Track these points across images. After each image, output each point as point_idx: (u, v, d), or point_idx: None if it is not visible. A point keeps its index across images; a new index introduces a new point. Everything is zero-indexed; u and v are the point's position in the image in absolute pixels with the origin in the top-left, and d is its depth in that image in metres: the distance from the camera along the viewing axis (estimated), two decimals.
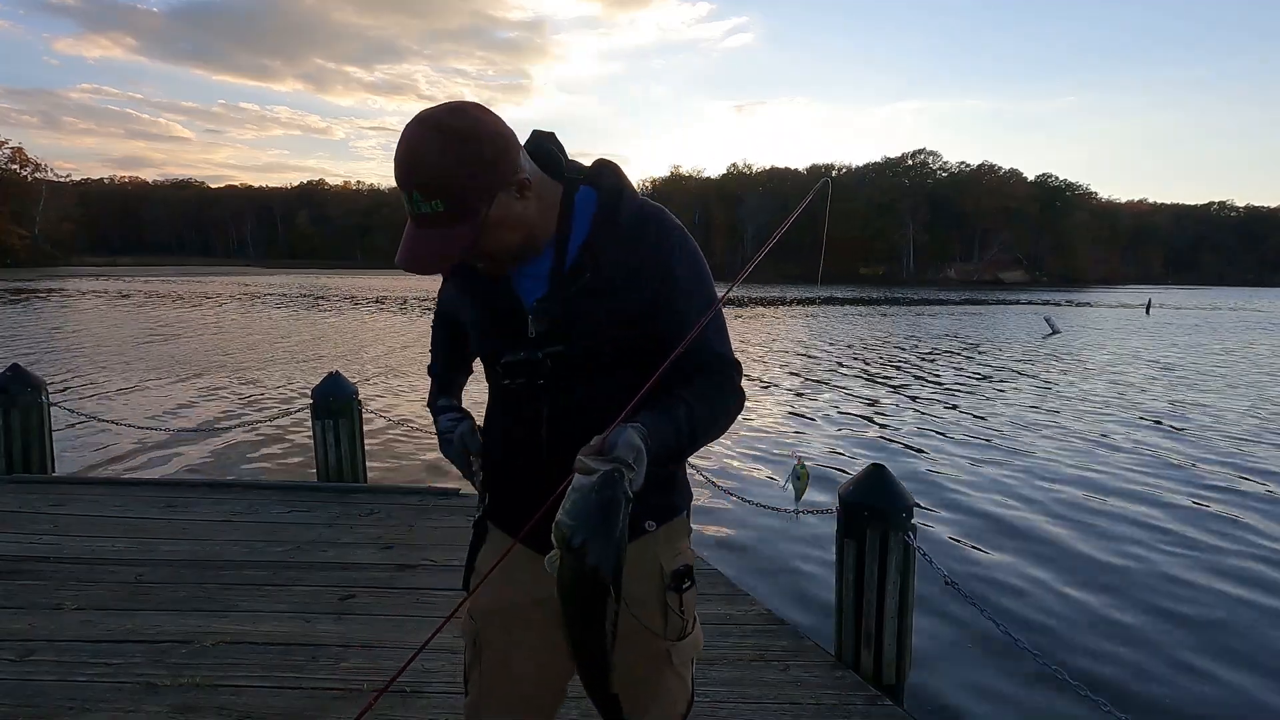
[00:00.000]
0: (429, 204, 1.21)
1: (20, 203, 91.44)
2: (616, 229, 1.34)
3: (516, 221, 1.27)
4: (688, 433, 1.30)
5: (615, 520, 1.07)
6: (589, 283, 1.32)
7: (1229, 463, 8.83)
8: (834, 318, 34.36)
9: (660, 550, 1.45)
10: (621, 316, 1.33)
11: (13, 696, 2.79)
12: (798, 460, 3.80)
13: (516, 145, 1.27)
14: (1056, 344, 23.65)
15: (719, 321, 1.40)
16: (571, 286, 1.33)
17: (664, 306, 1.34)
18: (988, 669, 4.04)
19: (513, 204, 1.25)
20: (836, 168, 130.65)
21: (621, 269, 1.33)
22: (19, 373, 5.90)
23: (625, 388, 1.32)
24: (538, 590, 1.43)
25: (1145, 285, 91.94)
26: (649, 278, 1.33)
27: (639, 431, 1.19)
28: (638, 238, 1.34)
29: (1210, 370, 17.68)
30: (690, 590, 1.50)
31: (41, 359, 15.22)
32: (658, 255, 1.34)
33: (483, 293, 1.42)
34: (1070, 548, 5.95)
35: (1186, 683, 4.04)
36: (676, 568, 1.47)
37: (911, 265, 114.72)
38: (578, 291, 1.32)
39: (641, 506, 1.32)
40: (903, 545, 3.14)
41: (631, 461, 1.13)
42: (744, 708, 2.84)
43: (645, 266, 1.33)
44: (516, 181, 1.24)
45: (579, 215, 1.35)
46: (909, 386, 14.51)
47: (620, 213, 1.35)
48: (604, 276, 1.32)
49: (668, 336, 1.33)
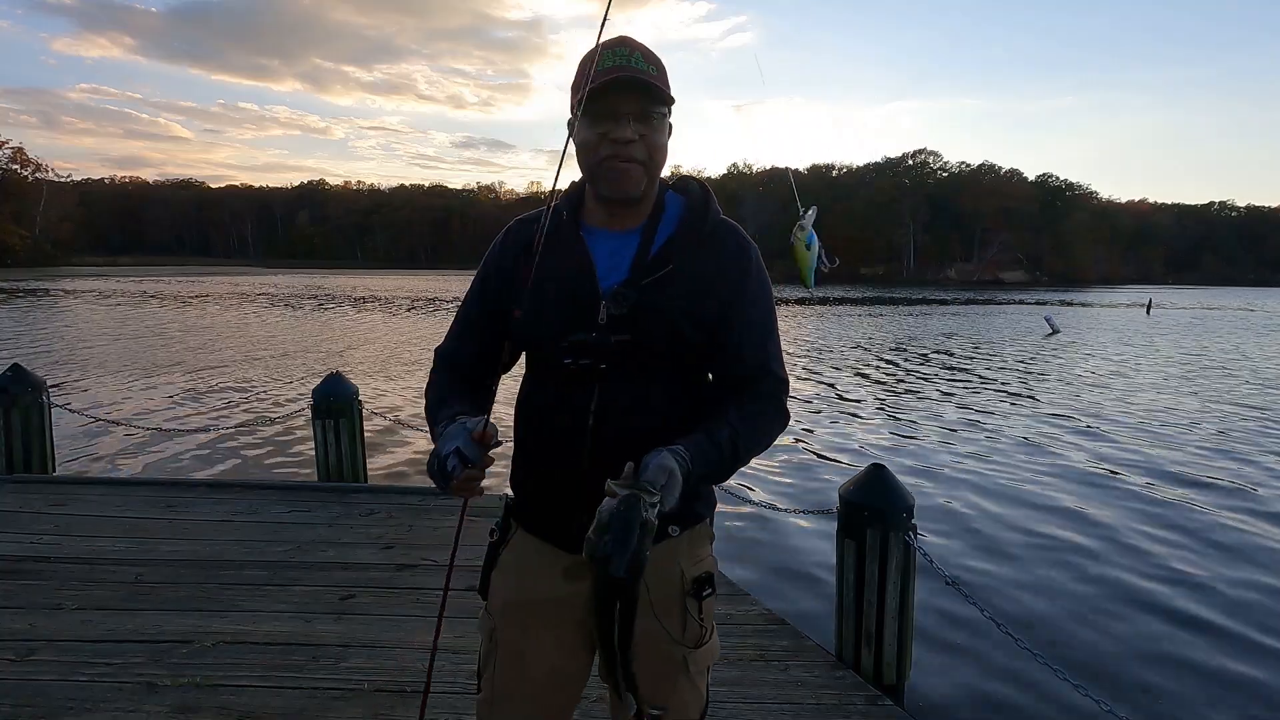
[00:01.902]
0: (647, 65, 1.34)
1: (20, 203, 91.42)
2: (701, 233, 1.41)
3: (666, 145, 1.39)
4: (730, 454, 1.35)
5: (630, 538, 1.14)
6: (668, 276, 1.37)
7: (1230, 462, 8.83)
8: (834, 318, 34.35)
9: (682, 556, 1.47)
10: (694, 318, 1.37)
11: (13, 696, 2.79)
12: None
13: None
14: (1056, 344, 23.65)
15: (778, 341, 1.47)
16: (650, 277, 1.37)
17: (734, 314, 1.40)
18: (988, 669, 4.04)
19: (670, 126, 1.40)
20: (836, 168, 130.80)
21: (701, 271, 1.39)
22: (19, 373, 5.90)
23: (677, 396, 1.41)
24: (557, 589, 1.46)
25: (1145, 285, 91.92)
26: (725, 285, 1.39)
27: (675, 454, 1.25)
28: (720, 245, 1.42)
29: (1211, 370, 17.67)
30: (710, 598, 1.50)
31: (42, 359, 15.23)
32: (737, 265, 1.42)
33: (556, 269, 1.41)
34: (1071, 547, 5.95)
35: (1188, 683, 4.04)
36: (698, 574, 1.48)
37: (911, 265, 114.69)
38: (656, 283, 1.36)
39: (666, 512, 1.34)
40: (903, 545, 3.14)
41: (661, 485, 1.19)
42: (744, 708, 2.84)
43: (724, 274, 1.40)
44: (669, 114, 1.40)
45: (667, 214, 1.43)
46: (909, 386, 14.51)
47: (706, 219, 1.43)
48: (684, 275, 1.38)
49: (731, 344, 1.41)
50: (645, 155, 1.35)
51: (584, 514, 1.34)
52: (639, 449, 1.27)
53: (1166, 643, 4.46)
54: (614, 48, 1.34)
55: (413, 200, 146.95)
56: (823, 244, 1.66)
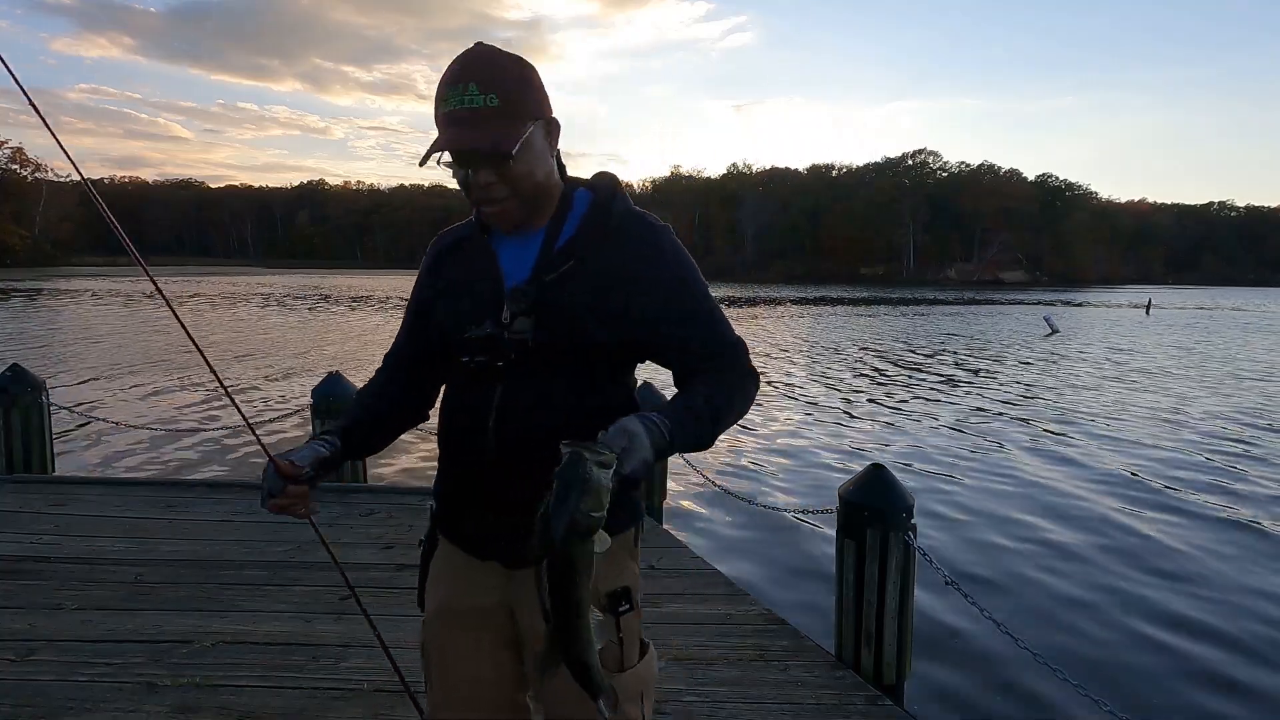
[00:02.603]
0: (485, 97, 1.23)
1: (20, 203, 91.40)
2: (606, 226, 1.35)
3: (545, 161, 1.32)
4: (710, 417, 1.29)
5: (568, 497, 1.06)
6: (571, 271, 1.32)
7: (1231, 462, 8.83)
8: (834, 318, 34.36)
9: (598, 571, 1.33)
10: (599, 313, 1.31)
11: (13, 696, 2.79)
12: None
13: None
14: (1056, 344, 23.65)
15: (717, 311, 1.40)
16: (552, 272, 1.32)
17: (660, 309, 1.34)
18: (987, 669, 4.04)
19: (545, 142, 1.31)
20: (836, 167, 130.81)
21: (606, 265, 1.32)
22: (19, 373, 5.90)
23: (584, 393, 1.34)
24: (476, 597, 1.42)
25: (1145, 285, 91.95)
26: (634, 279, 1.33)
27: (644, 419, 1.19)
28: (625, 237, 1.35)
29: (1211, 369, 17.68)
30: (630, 615, 1.38)
31: (42, 359, 15.23)
32: (645, 256, 1.35)
33: (465, 273, 1.42)
34: (1071, 548, 5.96)
35: (1187, 683, 4.04)
36: (613, 589, 1.37)
37: (911, 265, 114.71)
38: (558, 280, 1.32)
39: None
40: (903, 545, 3.14)
41: (622, 447, 1.13)
42: (744, 708, 2.84)
43: (630, 267, 1.33)
44: (550, 120, 1.31)
45: (574, 211, 1.38)
46: (909, 386, 14.52)
47: (611, 212, 1.37)
48: (588, 269, 1.32)
49: (675, 339, 1.36)
50: (508, 192, 1.29)
51: (489, 516, 1.36)
52: (542, 449, 1.20)
53: (1166, 642, 4.46)
54: (453, 82, 1.25)
55: (412, 200, 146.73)
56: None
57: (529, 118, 1.26)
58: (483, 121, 1.23)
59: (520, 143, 1.24)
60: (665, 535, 4.96)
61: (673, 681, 2.98)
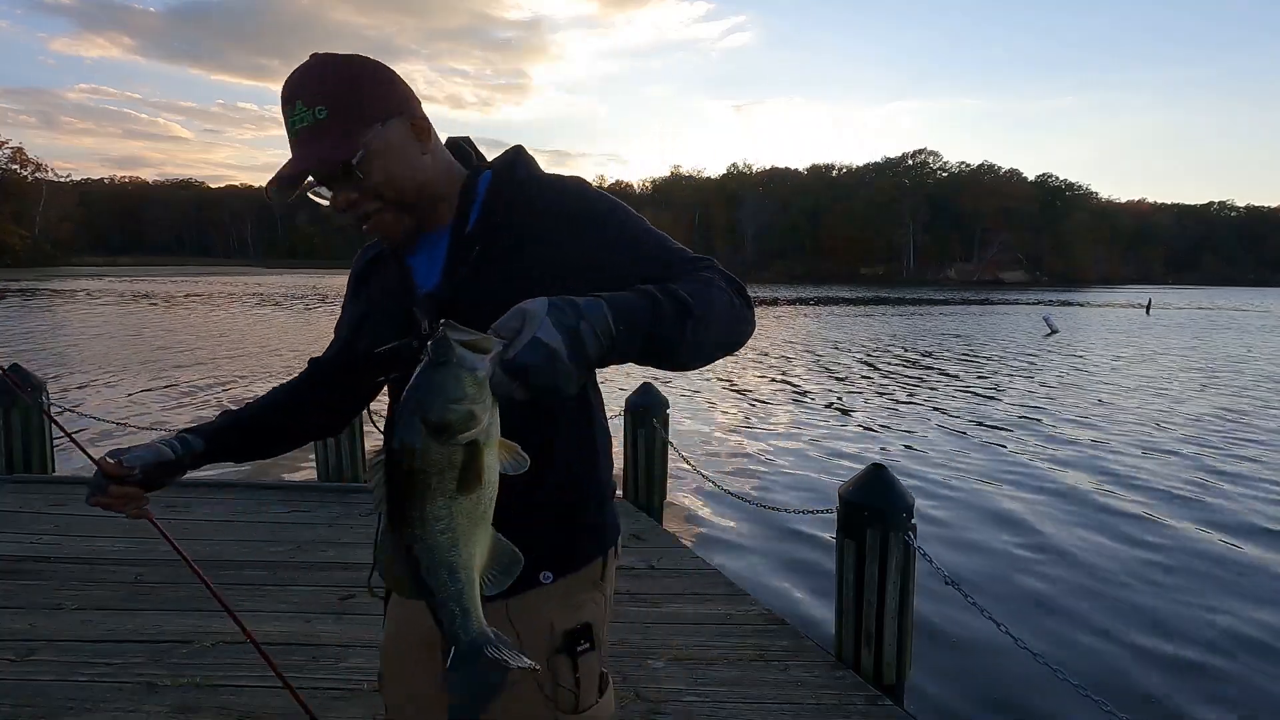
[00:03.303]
0: (312, 111, 1.11)
1: (20, 203, 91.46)
2: (510, 200, 1.23)
3: (411, 160, 1.17)
4: (678, 303, 1.02)
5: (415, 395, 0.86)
6: (482, 258, 1.20)
7: (1231, 461, 8.83)
8: (834, 318, 34.37)
9: (554, 606, 1.23)
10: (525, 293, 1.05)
11: (13, 696, 2.79)
12: None
13: (412, 93, 1.21)
14: (1056, 344, 23.65)
15: (666, 240, 1.21)
16: (463, 266, 1.20)
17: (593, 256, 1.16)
18: (988, 669, 4.04)
19: (408, 140, 1.17)
20: (836, 167, 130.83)
21: (520, 240, 1.20)
22: (19, 373, 5.90)
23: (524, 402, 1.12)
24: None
25: (1145, 285, 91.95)
26: (554, 243, 1.18)
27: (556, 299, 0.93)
28: (533, 204, 1.22)
29: (1211, 369, 17.68)
30: (590, 655, 1.24)
31: (42, 359, 15.22)
32: (558, 213, 1.20)
33: (380, 293, 1.31)
34: (1071, 548, 5.95)
35: (1187, 683, 4.04)
36: (572, 626, 1.23)
37: (911, 265, 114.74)
38: (471, 271, 1.20)
39: (535, 554, 1.14)
40: (903, 545, 3.14)
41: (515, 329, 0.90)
42: (744, 708, 2.84)
43: (547, 232, 1.19)
44: (412, 114, 1.18)
45: (479, 197, 1.25)
46: (909, 386, 14.51)
47: (512, 183, 1.24)
48: (501, 252, 1.20)
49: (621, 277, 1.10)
50: (377, 204, 1.17)
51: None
52: None
53: (1166, 642, 4.46)
54: (284, 105, 1.14)
55: None
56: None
57: (371, 120, 1.13)
58: (314, 138, 1.12)
59: (364, 149, 1.12)
60: (665, 535, 4.96)
61: (673, 681, 2.99)
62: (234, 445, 1.42)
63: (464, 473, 0.87)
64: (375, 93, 1.15)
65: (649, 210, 71.66)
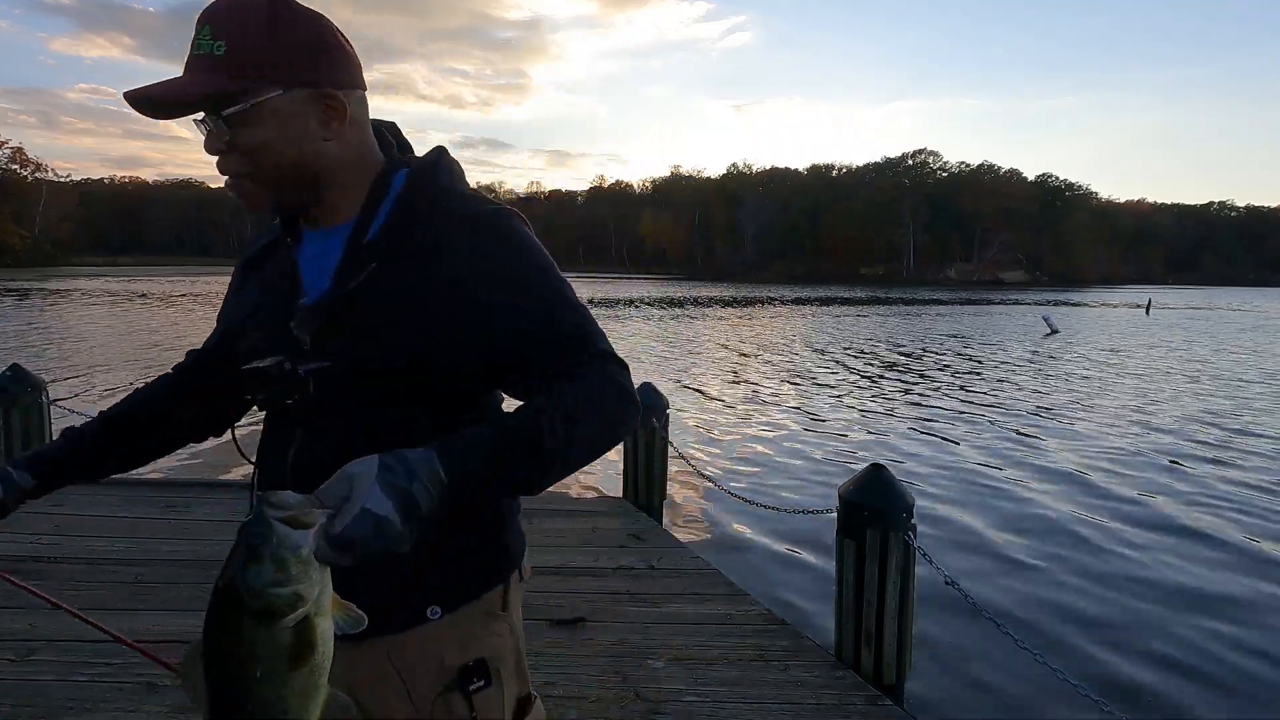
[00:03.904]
0: (213, 43, 0.99)
1: (20, 203, 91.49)
2: (420, 212, 1.08)
3: (301, 138, 1.03)
4: (535, 440, 0.94)
5: (234, 567, 0.80)
6: (376, 274, 1.05)
7: (1232, 460, 8.83)
8: (833, 318, 34.37)
9: (444, 641, 1.11)
10: (414, 325, 1.03)
11: (13, 696, 2.79)
12: None
13: (348, 66, 1.07)
14: (1055, 344, 23.66)
15: (577, 311, 1.08)
16: (355, 279, 1.05)
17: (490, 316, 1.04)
18: (988, 669, 4.04)
19: (308, 116, 1.03)
20: (836, 168, 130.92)
21: (422, 262, 1.05)
22: (19, 373, 5.90)
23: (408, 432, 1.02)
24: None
25: (1145, 285, 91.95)
26: (456, 277, 1.04)
27: (389, 460, 0.85)
28: (446, 224, 1.07)
29: (1210, 369, 17.68)
30: (486, 692, 1.12)
31: (41, 359, 15.23)
32: (470, 244, 1.06)
33: (262, 293, 1.16)
34: (1071, 547, 5.96)
35: (1187, 682, 4.05)
36: (465, 662, 1.11)
37: (911, 265, 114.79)
38: (362, 286, 1.05)
39: (420, 588, 1.07)
40: (903, 545, 3.14)
41: (342, 497, 0.83)
42: (744, 708, 2.84)
43: (452, 260, 1.05)
44: (324, 95, 1.03)
45: (389, 198, 1.10)
46: (909, 386, 14.52)
47: (425, 194, 1.09)
48: (398, 270, 1.05)
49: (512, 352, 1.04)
50: (241, 167, 1.03)
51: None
52: None
53: (1166, 642, 4.46)
54: (199, 20, 1.02)
55: None
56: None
57: (272, 80, 1.00)
58: (197, 71, 1.00)
59: (245, 106, 0.99)
60: (665, 535, 4.96)
61: (673, 681, 2.99)
62: (87, 461, 1.29)
63: (295, 651, 0.79)
64: (293, 54, 1.01)
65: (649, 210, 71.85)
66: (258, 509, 0.80)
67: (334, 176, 1.08)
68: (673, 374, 15.23)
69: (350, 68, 1.07)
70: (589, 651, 3.22)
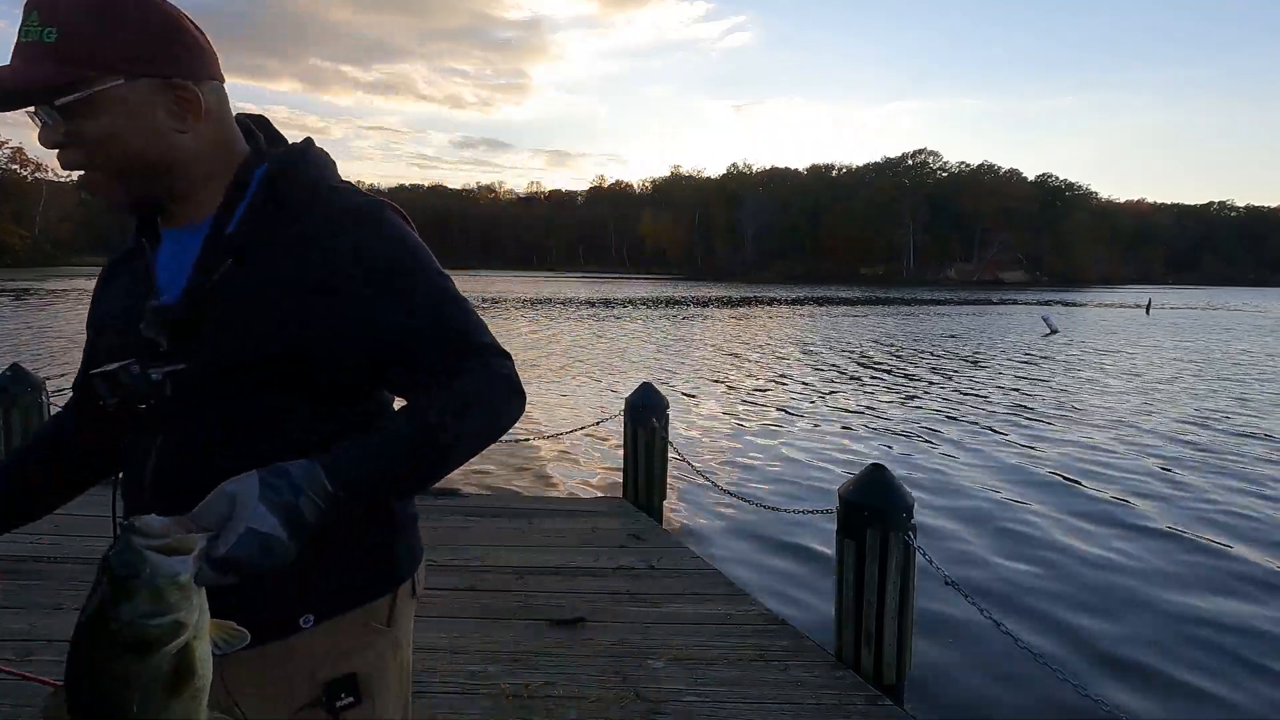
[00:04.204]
0: (42, 30, 0.93)
1: (20, 203, 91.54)
2: (281, 206, 1.03)
3: (148, 130, 0.97)
4: (419, 441, 0.95)
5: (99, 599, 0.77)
6: (234, 273, 1.00)
7: (1233, 461, 8.83)
8: (833, 318, 34.38)
9: (316, 652, 1.04)
10: (279, 325, 0.98)
11: (13, 696, 2.79)
12: None
13: (201, 57, 1.01)
14: (1055, 344, 23.66)
15: (455, 308, 1.05)
16: (211, 275, 1.00)
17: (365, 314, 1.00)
18: (988, 669, 4.04)
19: (156, 107, 0.97)
20: (836, 168, 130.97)
21: (285, 258, 1.00)
22: (19, 372, 5.90)
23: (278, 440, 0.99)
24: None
25: (1145, 285, 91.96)
26: (325, 274, 0.99)
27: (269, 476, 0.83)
28: (312, 218, 1.02)
29: (1210, 370, 17.68)
30: (356, 710, 1.05)
31: (41, 359, 15.22)
32: (337, 240, 1.01)
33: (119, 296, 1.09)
34: (1071, 548, 5.95)
35: (1187, 683, 4.04)
36: (334, 676, 1.04)
37: (911, 265, 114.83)
38: (220, 285, 1.00)
39: (297, 595, 1.01)
40: (903, 545, 3.14)
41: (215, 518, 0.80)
42: (744, 708, 2.84)
43: (320, 257, 1.00)
44: (173, 85, 0.97)
45: (250, 192, 1.05)
46: (908, 386, 14.52)
47: (286, 186, 1.04)
48: (259, 267, 1.00)
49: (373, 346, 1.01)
50: (82, 159, 0.97)
51: None
52: None
53: (1166, 643, 4.46)
54: (26, 4, 0.95)
55: (413, 200, 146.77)
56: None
57: (110, 68, 0.94)
58: (29, 62, 0.93)
59: (81, 96, 0.93)
60: (665, 535, 4.97)
61: (673, 681, 2.99)
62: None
63: (174, 679, 0.75)
64: (136, 42, 0.95)
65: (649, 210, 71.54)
66: (123, 538, 0.75)
67: (189, 171, 1.02)
68: (673, 374, 15.23)
69: (203, 58, 1.02)
70: (589, 651, 3.22)
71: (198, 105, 1.00)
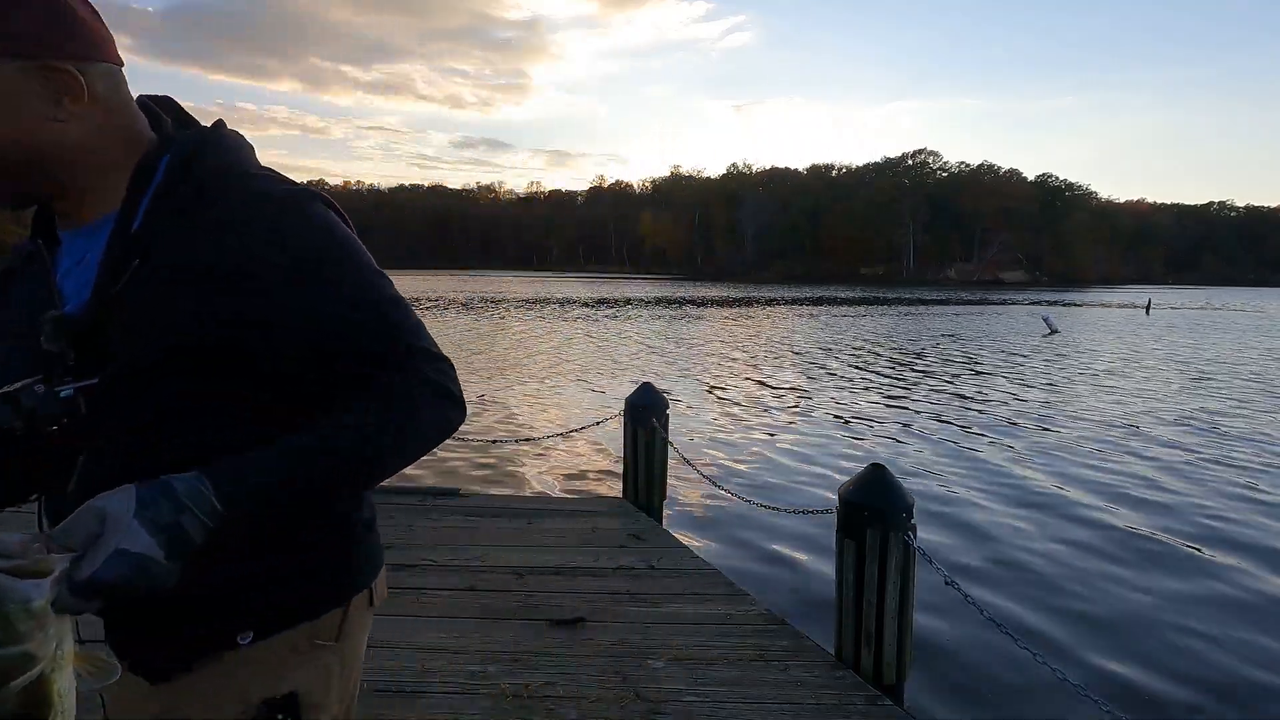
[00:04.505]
0: None
1: None
2: (188, 197, 0.93)
3: (21, 119, 0.87)
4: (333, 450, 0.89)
5: None
6: (141, 274, 0.90)
7: (1234, 461, 8.83)
8: (833, 318, 34.38)
9: (253, 670, 0.97)
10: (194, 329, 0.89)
11: None
12: None
13: (86, 36, 0.90)
14: (1055, 343, 23.66)
15: (384, 306, 0.97)
16: (118, 281, 0.90)
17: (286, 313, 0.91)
18: (988, 669, 4.04)
19: (27, 94, 0.87)
20: (836, 167, 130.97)
21: (196, 254, 0.90)
22: None
23: (239, 417, 0.93)
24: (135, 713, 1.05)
25: (1145, 285, 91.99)
26: (239, 269, 0.90)
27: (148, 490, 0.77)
28: (225, 210, 0.92)
29: (1210, 370, 17.68)
30: None
31: None
32: (254, 232, 0.91)
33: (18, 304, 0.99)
34: (1071, 547, 5.95)
35: (1188, 683, 4.04)
36: (271, 695, 0.97)
37: (911, 265, 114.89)
38: (126, 288, 0.90)
39: (234, 611, 0.95)
40: (903, 545, 3.14)
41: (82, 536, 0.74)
42: (744, 708, 2.84)
43: (235, 251, 0.90)
44: (48, 68, 0.87)
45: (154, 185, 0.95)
46: (908, 386, 14.51)
47: (192, 176, 0.94)
48: (168, 266, 0.90)
49: (299, 350, 0.93)
50: None
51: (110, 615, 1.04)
52: None
53: (1167, 643, 4.46)
54: None
55: (413, 200, 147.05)
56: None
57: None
58: None
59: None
60: (665, 535, 4.96)
61: (673, 681, 2.99)
62: None
63: (24, 715, 0.70)
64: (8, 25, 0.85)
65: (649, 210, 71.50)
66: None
67: (75, 163, 0.92)
68: (673, 374, 15.23)
69: (89, 37, 0.90)
70: (589, 651, 3.21)
71: (79, 90, 0.89)
